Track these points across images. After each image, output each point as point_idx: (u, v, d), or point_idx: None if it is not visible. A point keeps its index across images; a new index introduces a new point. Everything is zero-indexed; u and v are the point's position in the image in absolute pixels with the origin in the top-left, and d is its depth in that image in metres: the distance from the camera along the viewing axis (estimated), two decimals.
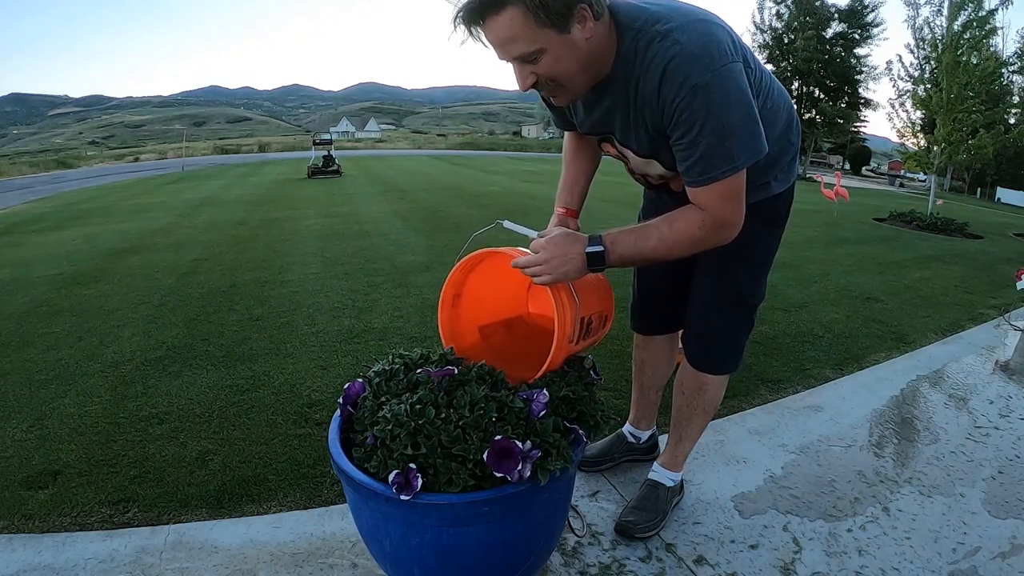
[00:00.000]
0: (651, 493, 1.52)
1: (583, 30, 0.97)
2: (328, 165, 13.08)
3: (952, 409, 2.19)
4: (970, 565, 1.37)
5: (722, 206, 1.06)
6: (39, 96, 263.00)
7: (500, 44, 0.98)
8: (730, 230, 1.10)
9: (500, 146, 39.27)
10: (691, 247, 1.11)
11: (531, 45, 0.96)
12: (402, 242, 5.21)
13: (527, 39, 0.95)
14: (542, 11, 0.92)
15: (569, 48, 0.97)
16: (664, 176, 1.21)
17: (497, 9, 0.93)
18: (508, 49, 0.98)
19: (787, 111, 1.23)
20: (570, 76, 1.02)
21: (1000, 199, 24.18)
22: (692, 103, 0.97)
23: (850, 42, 23.01)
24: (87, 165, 26.17)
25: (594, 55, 1.02)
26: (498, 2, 0.92)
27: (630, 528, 1.44)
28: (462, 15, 0.96)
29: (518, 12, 0.92)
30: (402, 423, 1.02)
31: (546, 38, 0.95)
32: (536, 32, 0.94)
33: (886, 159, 38.72)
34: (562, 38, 0.96)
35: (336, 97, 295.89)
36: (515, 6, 0.92)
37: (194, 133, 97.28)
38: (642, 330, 1.62)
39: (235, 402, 2.14)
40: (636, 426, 1.76)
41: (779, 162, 1.25)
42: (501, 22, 0.94)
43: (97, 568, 1.33)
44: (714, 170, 1.02)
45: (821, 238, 6.08)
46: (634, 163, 1.22)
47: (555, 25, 0.94)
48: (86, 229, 6.44)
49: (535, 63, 0.98)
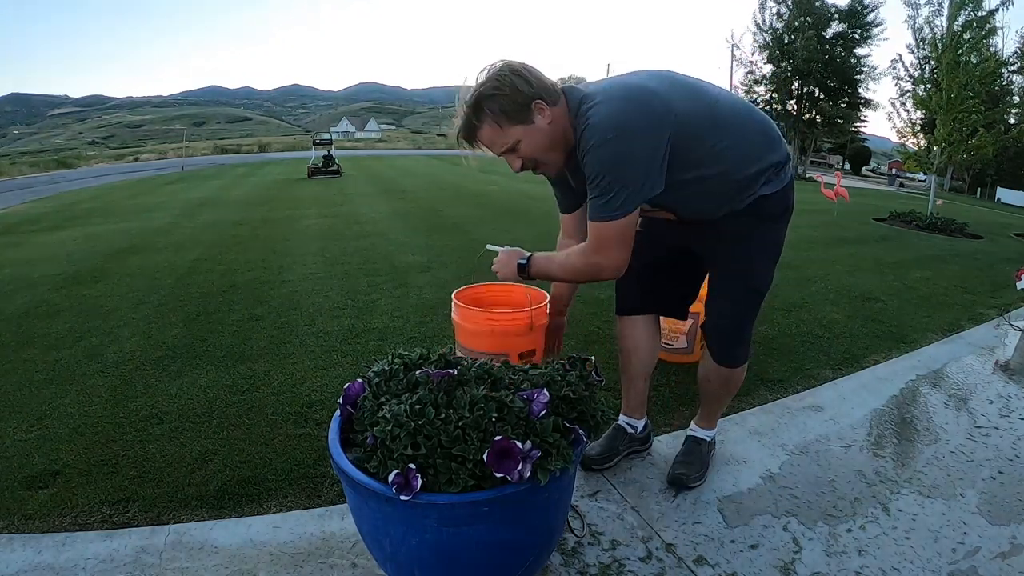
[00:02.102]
0: (695, 447, 1.73)
1: (544, 117, 1.26)
2: (328, 165, 13.09)
3: (952, 409, 2.19)
4: (970, 565, 1.37)
5: (598, 247, 1.31)
6: (39, 96, 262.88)
7: (489, 146, 1.31)
8: (603, 270, 1.34)
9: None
10: (578, 276, 1.43)
11: (508, 140, 1.28)
12: (402, 242, 5.21)
13: (503, 138, 1.28)
14: (505, 117, 1.25)
15: (536, 133, 1.28)
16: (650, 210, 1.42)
17: (477, 128, 1.28)
18: (495, 148, 1.31)
19: (760, 130, 1.39)
20: (544, 153, 1.31)
21: (1000, 199, 24.16)
22: (588, 161, 1.24)
23: (850, 42, 23.00)
24: (87, 165, 26.15)
25: (556, 133, 1.29)
26: (475, 125, 1.28)
27: (683, 479, 1.63)
28: (461, 137, 1.31)
29: (489, 123, 1.27)
30: (402, 423, 1.02)
31: (517, 132, 1.27)
32: (507, 131, 1.27)
33: (886, 159, 38.72)
34: (528, 128, 1.27)
35: (336, 97, 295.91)
36: (486, 122, 1.26)
37: (194, 133, 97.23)
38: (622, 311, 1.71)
39: (235, 402, 2.14)
40: (631, 416, 1.79)
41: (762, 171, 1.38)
42: (484, 134, 1.29)
43: (97, 568, 1.33)
44: (596, 213, 1.27)
45: (821, 238, 6.07)
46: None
47: (520, 122, 1.26)
48: (86, 229, 6.44)
49: (516, 151, 1.30)
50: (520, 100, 1.23)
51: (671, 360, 2.50)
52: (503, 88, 1.23)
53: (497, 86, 1.23)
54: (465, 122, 1.28)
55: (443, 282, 3.81)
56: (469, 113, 1.27)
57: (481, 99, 1.24)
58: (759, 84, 23.94)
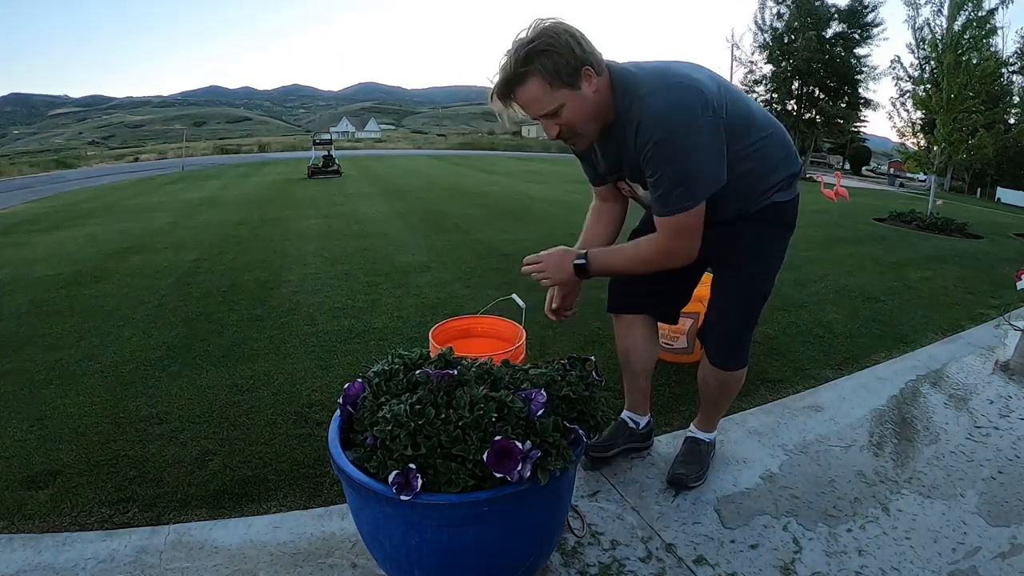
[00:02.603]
0: (694, 447, 1.72)
1: (590, 86, 1.21)
2: (328, 165, 13.08)
3: (952, 409, 2.19)
4: (970, 565, 1.37)
5: (673, 237, 1.29)
6: (39, 96, 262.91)
7: (529, 105, 1.22)
8: (677, 258, 1.33)
9: (500, 146, 39.25)
10: (648, 266, 1.37)
11: (552, 103, 1.21)
12: (402, 242, 5.21)
13: (548, 99, 1.20)
14: (556, 76, 1.17)
15: (581, 101, 1.22)
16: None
17: (523, 81, 1.19)
18: (535, 108, 1.22)
19: (783, 141, 1.43)
20: (585, 123, 1.26)
21: (1000, 199, 24.14)
22: (654, 155, 1.22)
23: (850, 42, 22.97)
24: (87, 165, 26.15)
25: (599, 106, 1.25)
26: (521, 76, 1.18)
27: (683, 479, 1.63)
28: (497, 91, 1.21)
29: (537, 80, 1.18)
30: (402, 423, 1.02)
31: (563, 96, 1.20)
32: (554, 93, 1.19)
33: (886, 159, 38.69)
34: (575, 94, 1.20)
35: (336, 97, 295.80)
36: (535, 77, 1.18)
37: (194, 133, 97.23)
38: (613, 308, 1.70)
39: (235, 402, 2.14)
40: (634, 412, 1.80)
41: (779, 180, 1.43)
42: (527, 90, 1.20)
43: (97, 568, 1.33)
44: (669, 207, 1.26)
45: (821, 238, 6.07)
46: (643, 195, 1.42)
47: (568, 85, 1.19)
48: (86, 229, 6.44)
49: (557, 116, 1.23)
50: (572, 62, 1.17)
51: (671, 360, 2.50)
52: (557, 46, 1.16)
53: (551, 43, 1.16)
54: (510, 76, 1.18)
55: (443, 282, 3.82)
56: (515, 67, 1.17)
57: (532, 54, 1.16)
58: (759, 84, 23.93)
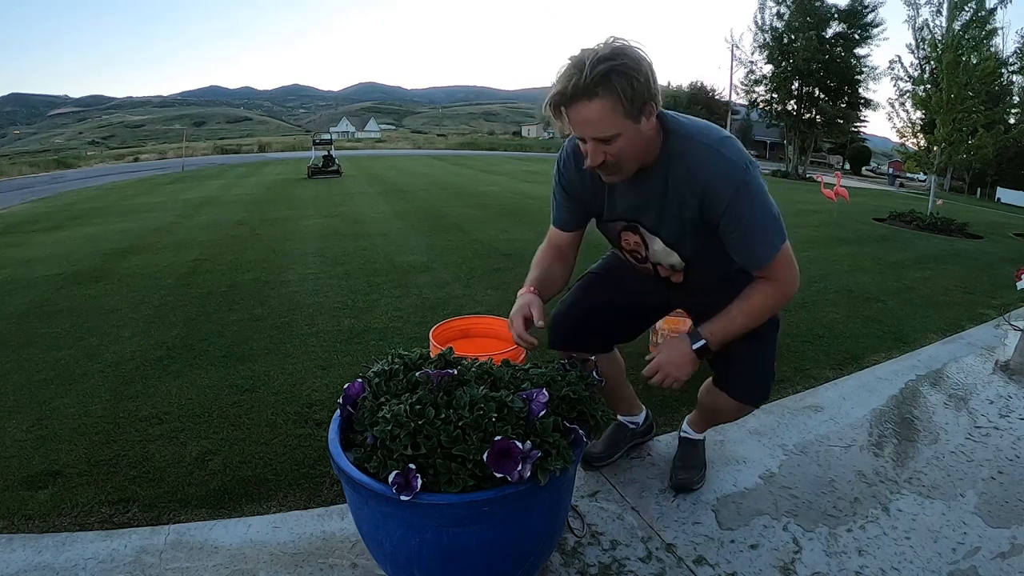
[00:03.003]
0: (691, 450, 1.71)
1: (648, 122, 1.15)
2: (328, 165, 13.08)
3: (952, 409, 2.19)
4: (970, 565, 1.37)
5: (786, 271, 1.27)
6: (39, 96, 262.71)
7: (585, 124, 1.13)
8: (793, 289, 1.31)
9: (500, 146, 39.26)
10: (770, 313, 1.33)
11: (611, 130, 1.12)
12: (402, 242, 5.21)
13: (610, 124, 1.11)
14: (629, 103, 1.09)
15: (637, 136, 1.15)
16: (675, 267, 1.39)
17: (592, 97, 1.08)
18: (592, 129, 1.13)
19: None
20: (631, 159, 1.19)
21: (1000, 199, 24.14)
22: (740, 201, 1.18)
23: (850, 42, 22.95)
24: (87, 165, 26.13)
25: (649, 145, 1.20)
26: (592, 92, 1.07)
27: (687, 483, 1.63)
28: (556, 99, 1.11)
29: (608, 102, 1.08)
30: (402, 423, 1.02)
31: (624, 125, 1.12)
32: (618, 120, 1.11)
33: (886, 159, 38.67)
34: (635, 126, 1.13)
35: (336, 97, 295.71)
36: (608, 97, 1.08)
37: (194, 133, 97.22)
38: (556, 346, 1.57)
39: (235, 402, 2.14)
40: (628, 414, 1.80)
41: None
42: (593, 108, 1.09)
43: (97, 568, 1.33)
44: (771, 248, 1.23)
45: (821, 238, 6.07)
46: (655, 252, 1.37)
47: (633, 115, 1.11)
48: (86, 229, 6.43)
49: (609, 144, 1.14)
50: (645, 93, 1.10)
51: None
52: (638, 72, 1.08)
53: (633, 68, 1.07)
54: (581, 87, 1.07)
55: (443, 282, 3.82)
56: (590, 80, 1.06)
57: (612, 72, 1.06)
58: (759, 84, 23.94)
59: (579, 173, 1.33)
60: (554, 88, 1.11)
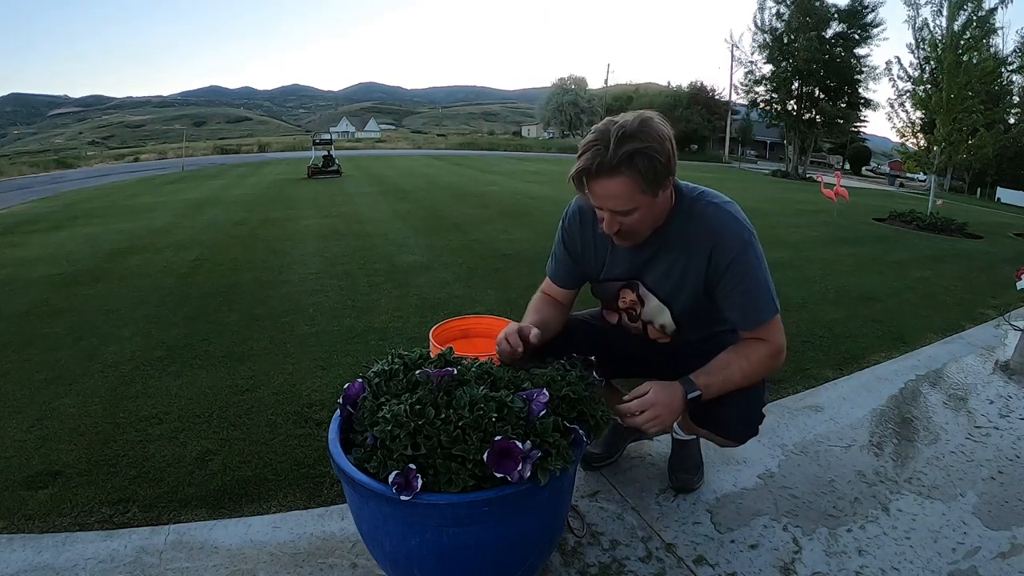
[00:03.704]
0: (685, 450, 1.71)
1: (665, 195, 1.23)
2: (328, 165, 13.07)
3: (952, 409, 2.19)
4: (970, 565, 1.37)
5: (781, 336, 1.31)
6: (39, 96, 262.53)
7: (605, 198, 1.19)
8: (784, 358, 1.34)
9: (500, 146, 39.20)
10: (763, 373, 1.35)
11: (630, 205, 1.19)
12: (402, 242, 5.21)
13: (629, 200, 1.18)
14: (647, 183, 1.15)
15: (653, 208, 1.23)
16: (665, 329, 1.43)
17: (613, 176, 1.15)
18: (611, 203, 1.20)
19: None
20: (645, 227, 1.27)
21: (1000, 199, 24.12)
22: (746, 258, 1.25)
23: (850, 42, 22.94)
24: (87, 165, 26.11)
25: (663, 212, 1.28)
26: (614, 171, 1.14)
27: (689, 483, 1.64)
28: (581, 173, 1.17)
29: (630, 180, 1.15)
30: (402, 423, 1.02)
31: (641, 200, 1.19)
32: (637, 196, 1.18)
33: (886, 159, 38.66)
34: (651, 201, 1.20)
35: (336, 97, 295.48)
36: (629, 177, 1.14)
37: (194, 133, 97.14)
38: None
39: (235, 402, 2.14)
40: None
41: None
42: (614, 185, 1.16)
43: (97, 568, 1.33)
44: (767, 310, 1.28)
45: (821, 238, 6.07)
46: (648, 310, 1.42)
47: (651, 192, 1.18)
48: (86, 229, 6.43)
49: (627, 215, 1.21)
50: (664, 173, 1.17)
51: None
52: (660, 154, 1.14)
53: (656, 149, 1.13)
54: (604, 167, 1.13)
55: (443, 282, 3.82)
56: (614, 160, 1.12)
57: (635, 154, 1.12)
58: (759, 84, 23.93)
59: (583, 232, 1.40)
60: (579, 163, 1.16)
